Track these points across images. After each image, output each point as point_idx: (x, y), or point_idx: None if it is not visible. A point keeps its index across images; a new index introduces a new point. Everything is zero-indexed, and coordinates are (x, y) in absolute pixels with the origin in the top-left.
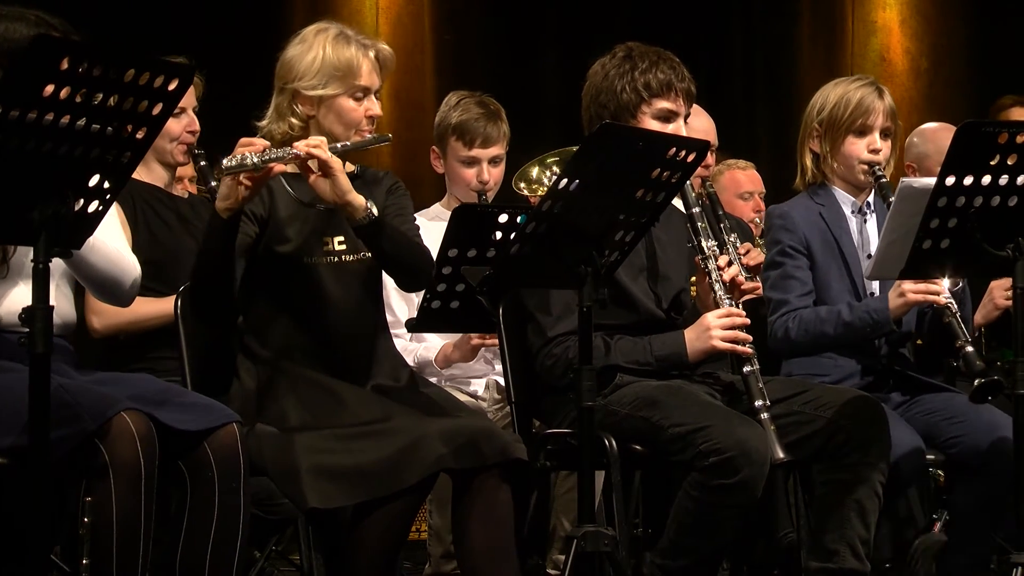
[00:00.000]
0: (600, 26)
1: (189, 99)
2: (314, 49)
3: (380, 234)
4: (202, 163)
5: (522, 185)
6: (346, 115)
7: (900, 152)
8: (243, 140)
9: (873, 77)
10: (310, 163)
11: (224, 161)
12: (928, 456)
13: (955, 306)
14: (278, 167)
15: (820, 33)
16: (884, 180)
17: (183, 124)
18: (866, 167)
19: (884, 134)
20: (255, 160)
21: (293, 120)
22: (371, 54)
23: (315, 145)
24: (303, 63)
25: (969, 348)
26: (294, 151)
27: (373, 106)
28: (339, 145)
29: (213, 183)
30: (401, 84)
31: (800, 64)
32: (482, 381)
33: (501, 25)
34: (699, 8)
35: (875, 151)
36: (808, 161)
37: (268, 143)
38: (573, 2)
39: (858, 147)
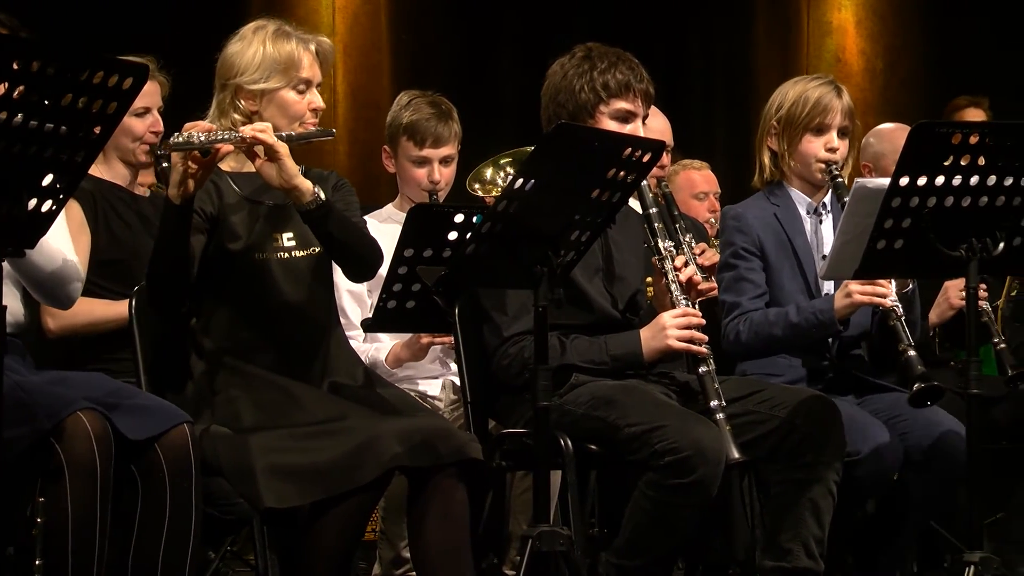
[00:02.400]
0: (557, 26)
1: (154, 99)
2: (254, 45)
3: (328, 219)
4: (164, 164)
5: (476, 186)
6: (290, 108)
7: (858, 152)
8: (188, 124)
9: (832, 76)
10: (256, 148)
11: (171, 138)
12: None
13: (900, 309)
14: (225, 148)
15: (776, 34)
16: (840, 180)
17: (147, 124)
18: (823, 166)
19: (841, 133)
20: (202, 139)
21: (236, 116)
22: (311, 47)
23: (261, 130)
24: (244, 58)
25: (911, 352)
26: (240, 134)
27: (316, 99)
28: (284, 134)
29: (164, 164)
30: (358, 84)
31: (756, 65)
32: (438, 381)
33: (458, 25)
34: (656, 8)
35: (832, 150)
36: (766, 159)
37: (213, 126)
38: (530, 2)
39: (815, 146)
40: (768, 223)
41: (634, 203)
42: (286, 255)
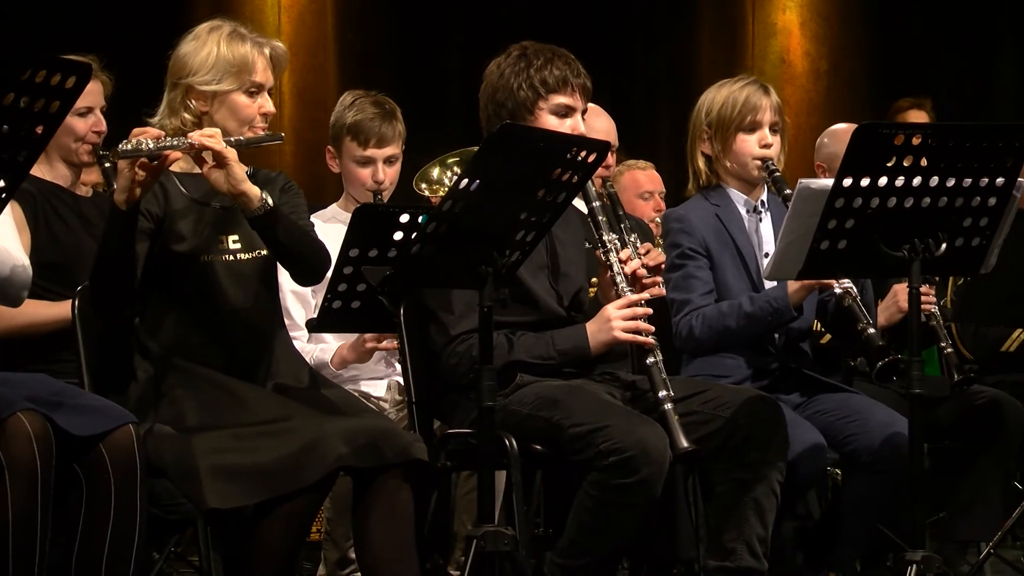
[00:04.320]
0: (502, 27)
1: (97, 99)
2: (208, 45)
3: (276, 225)
4: (107, 164)
5: (423, 186)
6: (240, 111)
7: (791, 148)
8: (136, 129)
9: (755, 76)
10: (204, 154)
11: (120, 145)
12: (831, 454)
13: (855, 290)
14: (173, 155)
15: (721, 35)
16: (778, 174)
17: (89, 123)
18: (759, 163)
19: (773, 129)
20: (151, 146)
21: (186, 116)
22: (265, 51)
23: (209, 135)
24: (197, 59)
25: (871, 330)
26: (189, 140)
27: (267, 103)
28: (233, 140)
29: (108, 165)
30: (304, 83)
31: (701, 66)
32: (383, 382)
33: (404, 24)
34: (601, 9)
35: (766, 146)
36: (701, 164)
37: (162, 132)
38: (476, 2)
39: (749, 143)
40: (710, 223)
41: (578, 200)
42: (231, 258)
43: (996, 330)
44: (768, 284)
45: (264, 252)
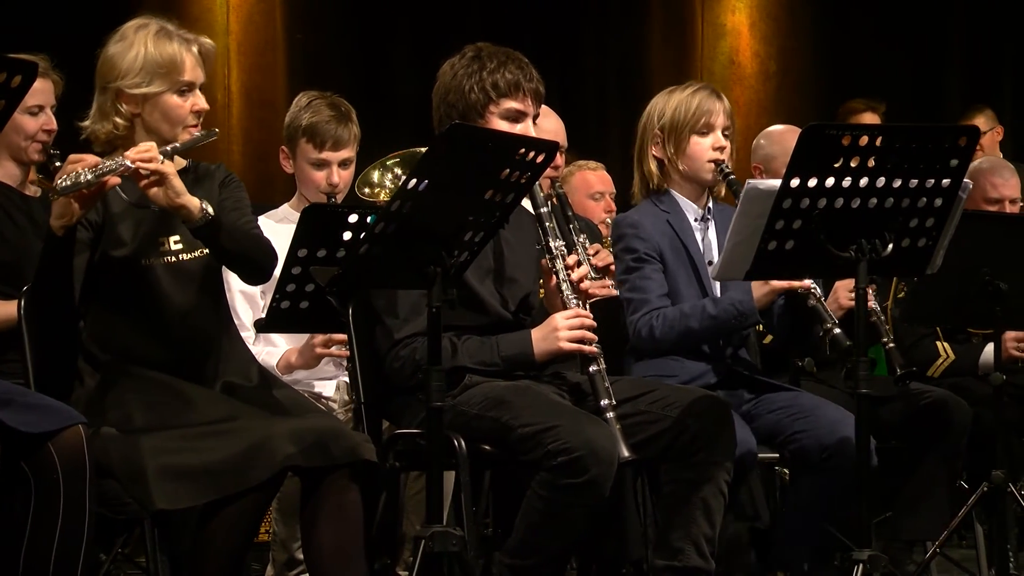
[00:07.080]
0: (453, 27)
1: (47, 97)
2: (135, 46)
3: (218, 233)
4: (57, 163)
5: (366, 190)
6: (172, 112)
7: (739, 149)
8: (72, 157)
9: (704, 77)
10: (141, 171)
11: (58, 182)
12: (773, 454)
13: (819, 291)
14: (112, 180)
15: (670, 36)
16: (732, 176)
17: (40, 122)
18: (712, 166)
19: (724, 133)
20: (89, 177)
21: (117, 119)
22: (194, 49)
23: (145, 153)
24: (125, 61)
25: (837, 330)
26: (126, 162)
27: (199, 101)
28: (168, 148)
29: (58, 164)
30: (253, 83)
31: (650, 66)
32: (332, 382)
33: (354, 24)
34: (551, 9)
35: (719, 148)
36: (653, 167)
37: (99, 159)
38: (426, 2)
39: (702, 146)
40: (663, 230)
41: (527, 203)
42: (173, 259)
43: (923, 354)
44: (716, 288)
45: (207, 251)
